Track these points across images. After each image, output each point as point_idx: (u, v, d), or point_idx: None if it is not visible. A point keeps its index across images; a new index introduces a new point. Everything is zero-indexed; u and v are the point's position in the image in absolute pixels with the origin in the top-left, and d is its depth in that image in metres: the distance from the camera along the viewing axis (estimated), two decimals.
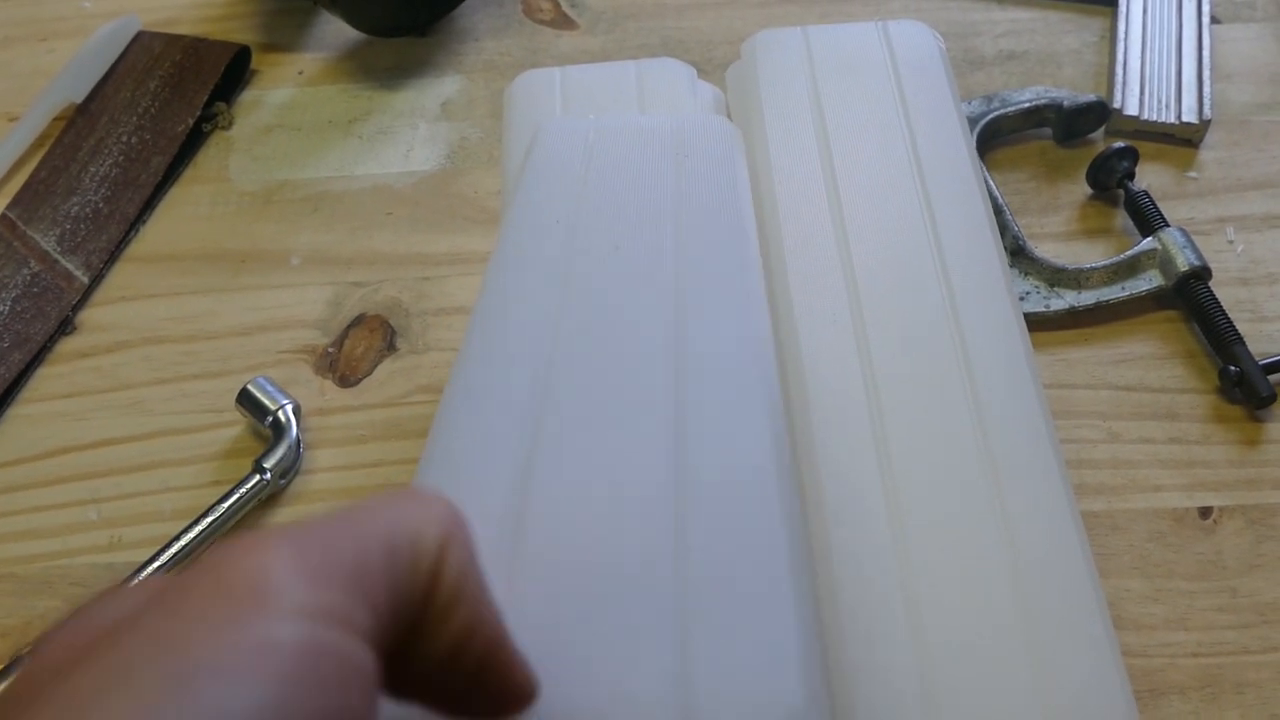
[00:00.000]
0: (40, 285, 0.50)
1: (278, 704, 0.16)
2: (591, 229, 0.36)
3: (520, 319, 0.33)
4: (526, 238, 0.35)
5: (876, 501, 0.33)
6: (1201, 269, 0.45)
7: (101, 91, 0.56)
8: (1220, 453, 0.42)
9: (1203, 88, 0.52)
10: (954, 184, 0.39)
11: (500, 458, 0.29)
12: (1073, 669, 0.30)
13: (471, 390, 0.31)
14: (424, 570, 0.20)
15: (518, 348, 0.32)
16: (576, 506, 0.28)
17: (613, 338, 0.32)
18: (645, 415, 0.31)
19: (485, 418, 0.30)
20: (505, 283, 0.34)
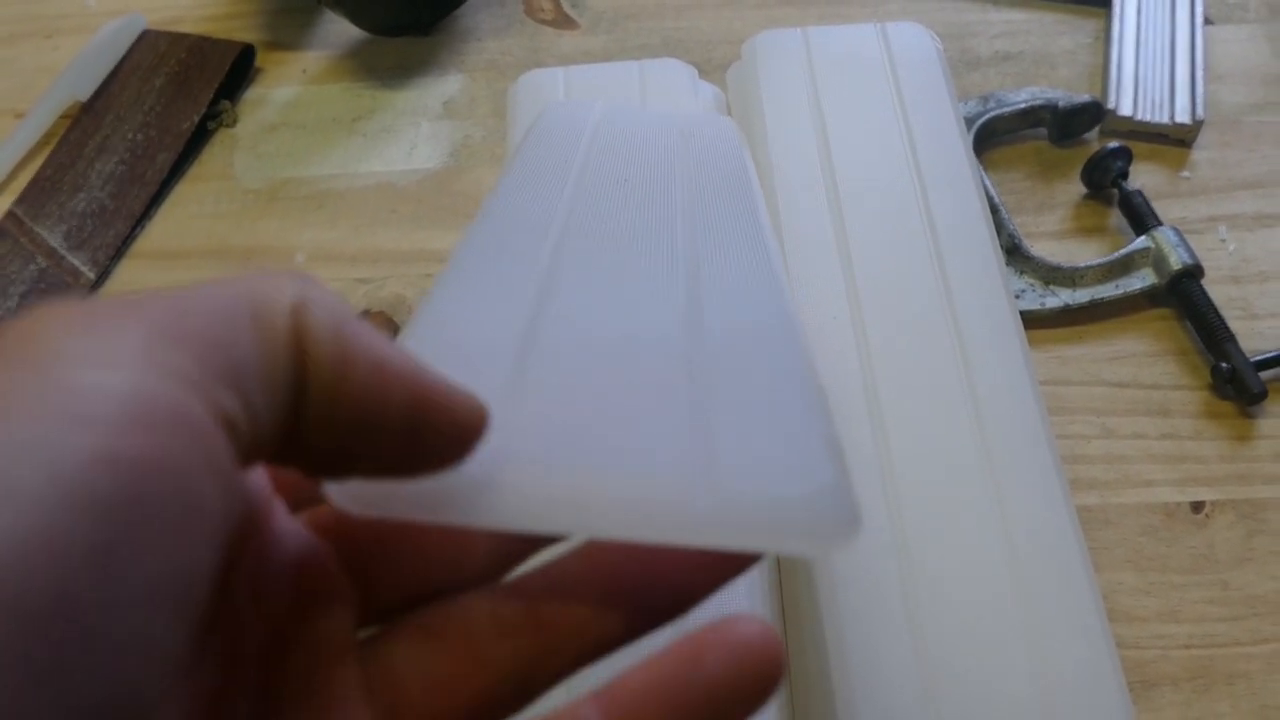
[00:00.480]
0: (47, 281, 0.50)
1: (99, 449, 0.15)
2: (599, 168, 0.34)
3: (529, 209, 0.31)
4: (529, 178, 0.34)
5: (875, 496, 0.33)
6: (1194, 267, 0.46)
7: (107, 89, 0.57)
8: (1212, 448, 0.42)
9: (1196, 89, 0.53)
10: (951, 184, 0.40)
11: (515, 279, 0.27)
12: (1067, 660, 0.31)
13: (483, 244, 0.29)
14: (279, 337, 0.18)
15: (530, 221, 0.30)
16: (592, 313, 0.27)
17: (622, 244, 0.31)
18: (658, 257, 0.30)
19: (499, 255, 0.29)
20: (510, 193, 0.32)
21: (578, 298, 0.27)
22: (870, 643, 0.31)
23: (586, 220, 0.31)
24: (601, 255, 0.29)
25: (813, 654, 0.32)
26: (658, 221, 0.31)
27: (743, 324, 0.27)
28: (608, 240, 0.30)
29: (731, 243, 0.31)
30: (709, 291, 0.28)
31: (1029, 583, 0.32)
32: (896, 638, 0.31)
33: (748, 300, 0.28)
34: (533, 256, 0.29)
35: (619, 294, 0.28)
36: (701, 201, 0.33)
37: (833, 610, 0.32)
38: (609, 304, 0.27)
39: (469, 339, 0.25)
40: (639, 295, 0.28)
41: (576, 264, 0.29)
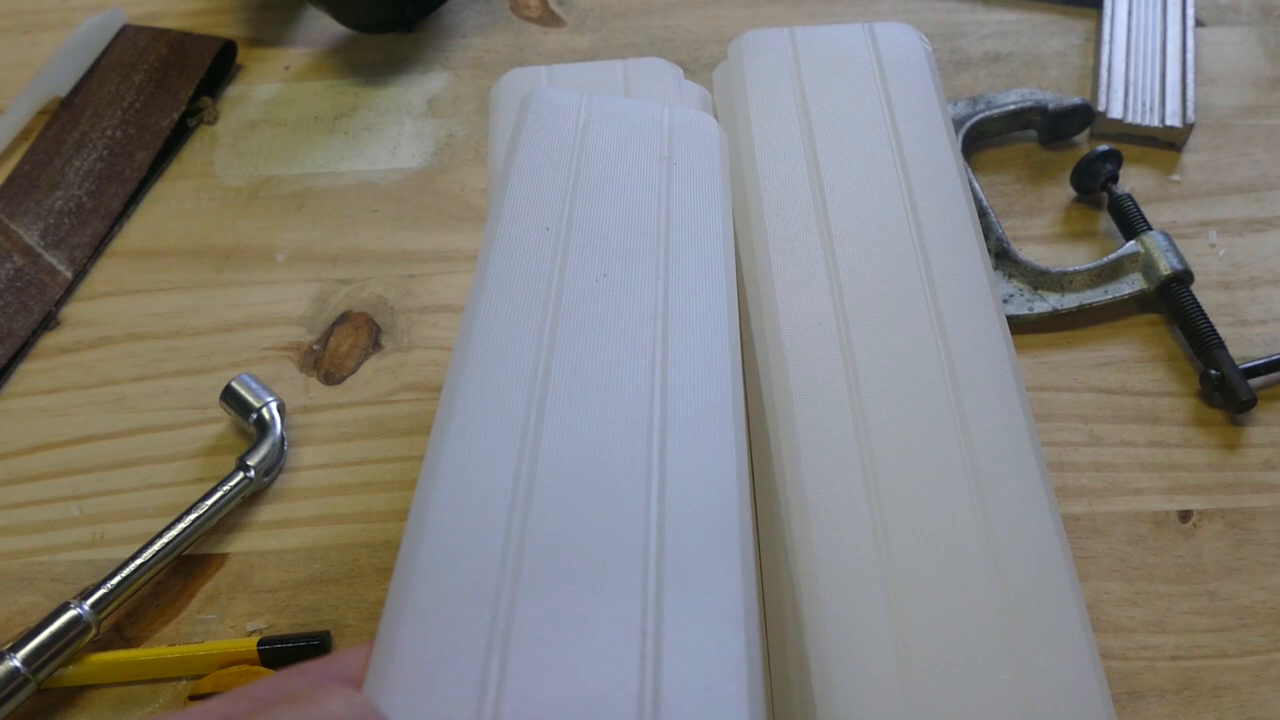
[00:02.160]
0: (23, 280, 0.50)
1: None
2: (583, 250, 0.36)
3: (511, 340, 0.33)
4: (517, 244, 0.35)
5: (859, 503, 0.33)
6: (1184, 273, 0.45)
7: (86, 85, 0.56)
8: (1200, 456, 0.42)
9: (1186, 91, 0.52)
10: (939, 186, 0.40)
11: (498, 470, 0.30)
12: (1052, 672, 0.30)
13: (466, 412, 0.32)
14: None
15: (507, 380, 0.32)
16: (565, 519, 0.29)
17: (599, 377, 0.33)
18: (628, 404, 0.31)
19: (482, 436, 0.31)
20: (496, 299, 0.34)
21: (555, 510, 0.29)
22: (852, 653, 0.31)
23: (566, 345, 0.33)
24: (577, 422, 0.31)
25: (794, 664, 0.32)
26: (630, 347, 0.33)
27: (694, 526, 0.29)
28: (584, 384, 0.32)
29: (697, 356, 0.33)
30: (671, 469, 0.30)
31: (1014, 592, 0.31)
32: (879, 647, 0.31)
33: (704, 482, 0.30)
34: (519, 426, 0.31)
35: (591, 489, 0.30)
36: (673, 287, 0.35)
37: (815, 618, 0.31)
38: (581, 513, 0.29)
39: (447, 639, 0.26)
40: (610, 488, 0.30)
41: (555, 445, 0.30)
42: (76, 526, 0.43)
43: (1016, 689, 0.30)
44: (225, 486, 0.42)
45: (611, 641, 0.27)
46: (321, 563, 0.42)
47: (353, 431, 0.45)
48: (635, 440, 0.31)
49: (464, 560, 0.28)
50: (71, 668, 0.39)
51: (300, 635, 0.40)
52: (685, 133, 0.41)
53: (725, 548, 0.29)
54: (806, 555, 0.32)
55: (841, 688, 0.30)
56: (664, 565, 0.28)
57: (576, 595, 0.28)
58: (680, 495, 0.30)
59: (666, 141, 0.40)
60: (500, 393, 0.31)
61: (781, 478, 0.34)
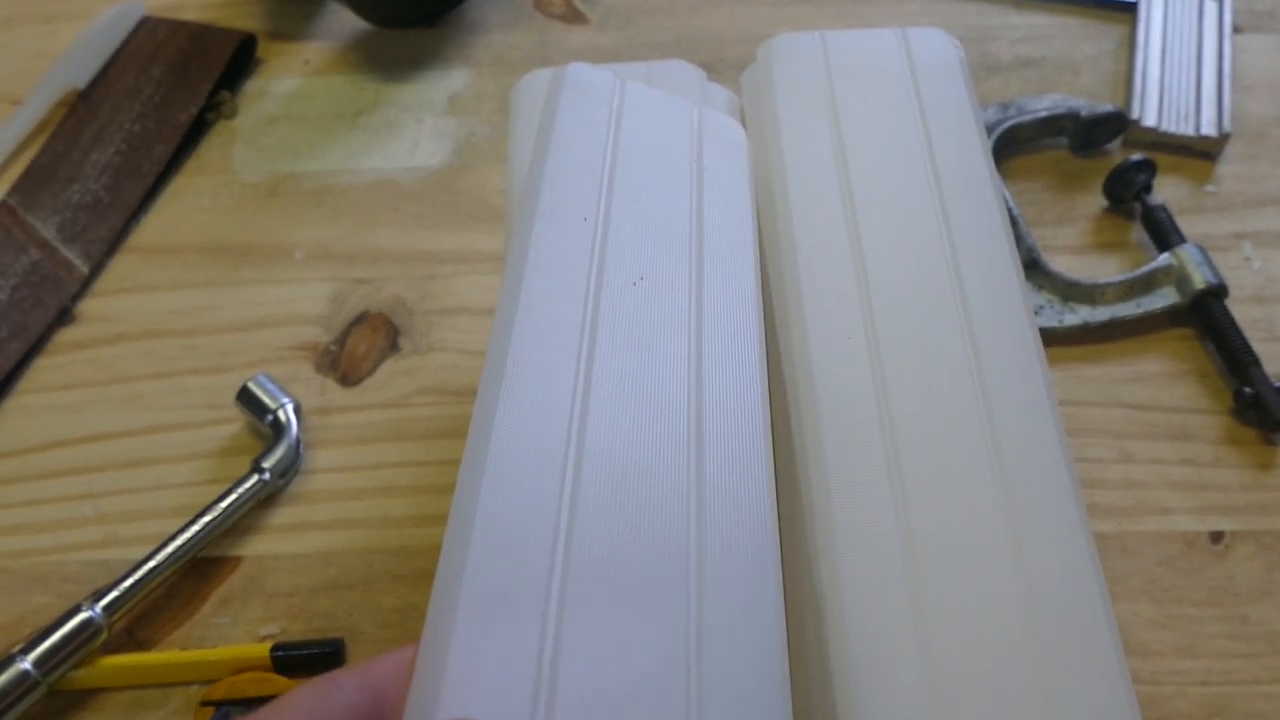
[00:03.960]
0: (40, 274, 0.49)
1: None
2: (620, 249, 0.36)
3: (551, 341, 0.33)
4: (556, 234, 0.35)
5: (888, 521, 0.32)
6: (1218, 287, 0.44)
7: (105, 77, 0.55)
8: (1233, 476, 0.41)
9: (1222, 99, 0.51)
10: (972, 196, 0.39)
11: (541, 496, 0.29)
12: (1084, 700, 0.29)
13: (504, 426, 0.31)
14: None
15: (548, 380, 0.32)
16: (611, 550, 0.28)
17: (638, 385, 0.33)
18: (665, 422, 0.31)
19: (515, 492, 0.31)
20: (535, 292, 0.34)
21: (599, 523, 0.29)
22: (878, 672, 0.30)
23: (606, 351, 0.33)
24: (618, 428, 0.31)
25: (819, 688, 0.31)
26: (666, 355, 0.33)
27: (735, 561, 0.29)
28: (624, 391, 0.32)
29: (730, 367, 0.34)
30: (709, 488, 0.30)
31: (1046, 617, 0.31)
32: (907, 671, 0.30)
33: (741, 520, 0.30)
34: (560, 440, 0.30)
35: (633, 500, 0.30)
36: (706, 295, 0.35)
37: (840, 633, 0.31)
38: (623, 527, 0.29)
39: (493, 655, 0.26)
40: (651, 502, 0.30)
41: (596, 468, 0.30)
42: (89, 526, 0.43)
43: (1046, 712, 0.29)
44: (240, 488, 0.42)
45: (653, 671, 0.27)
46: (336, 568, 0.41)
47: (369, 435, 0.45)
48: (674, 450, 0.31)
49: (512, 571, 0.27)
50: (82, 670, 0.38)
51: (314, 642, 0.39)
52: (714, 136, 0.41)
53: (762, 580, 0.29)
54: (831, 570, 0.32)
55: (866, 708, 0.29)
56: (704, 594, 0.28)
57: (620, 617, 0.28)
58: (717, 516, 0.30)
59: (696, 143, 0.40)
60: (543, 395, 0.31)
61: (808, 495, 0.33)
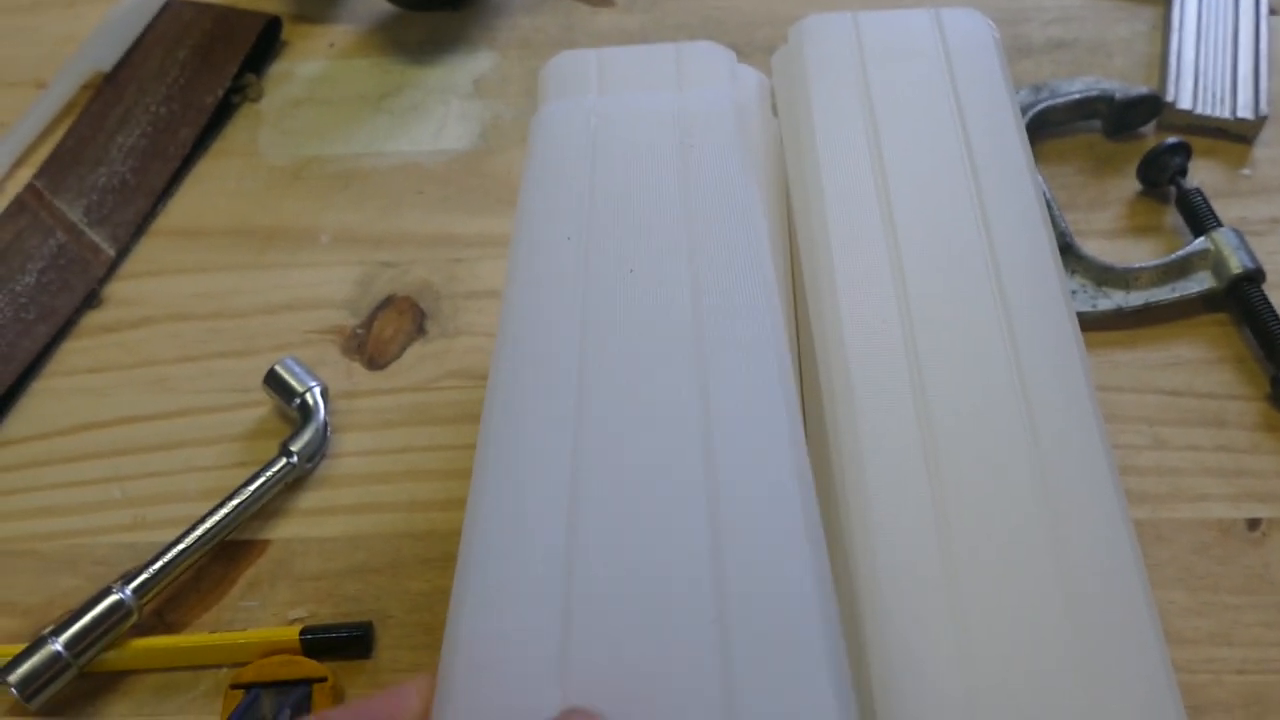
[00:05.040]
0: (67, 257, 0.49)
1: None
2: (604, 248, 0.35)
3: (543, 350, 0.33)
4: (539, 257, 0.35)
5: (925, 509, 0.32)
6: (1255, 271, 0.44)
7: (130, 60, 0.55)
8: (1270, 463, 0.41)
9: (1259, 82, 0.50)
10: (1007, 178, 0.38)
11: (543, 500, 0.30)
12: (1126, 687, 0.29)
13: (506, 435, 0.32)
14: None
15: (545, 379, 0.32)
16: (618, 551, 0.28)
17: (635, 369, 0.32)
18: (674, 463, 0.31)
19: (522, 461, 0.31)
20: (524, 312, 0.34)
21: (605, 521, 0.29)
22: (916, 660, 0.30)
23: (601, 342, 0.33)
24: (620, 433, 0.31)
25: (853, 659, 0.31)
26: (667, 340, 0.33)
27: (757, 521, 0.29)
28: (623, 380, 0.32)
29: (737, 347, 0.33)
30: (722, 458, 0.30)
31: (1086, 606, 0.30)
32: (944, 658, 0.30)
33: (759, 471, 0.30)
34: (559, 431, 0.31)
35: (642, 498, 0.29)
36: (706, 283, 0.34)
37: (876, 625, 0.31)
38: (634, 524, 0.29)
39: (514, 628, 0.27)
40: (660, 494, 0.29)
41: (599, 454, 0.30)
42: (118, 509, 0.43)
43: (1091, 707, 0.29)
44: (268, 472, 0.42)
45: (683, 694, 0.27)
46: (364, 551, 0.41)
47: (396, 418, 0.44)
48: (684, 448, 0.31)
49: (516, 604, 0.28)
50: (113, 652, 0.39)
51: (342, 625, 0.39)
52: (698, 119, 0.40)
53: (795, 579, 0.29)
54: (870, 567, 0.31)
55: (907, 705, 0.29)
56: (727, 608, 0.27)
57: (637, 628, 0.28)
58: (736, 514, 0.29)
59: (680, 130, 0.39)
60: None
61: (842, 485, 0.33)
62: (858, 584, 0.31)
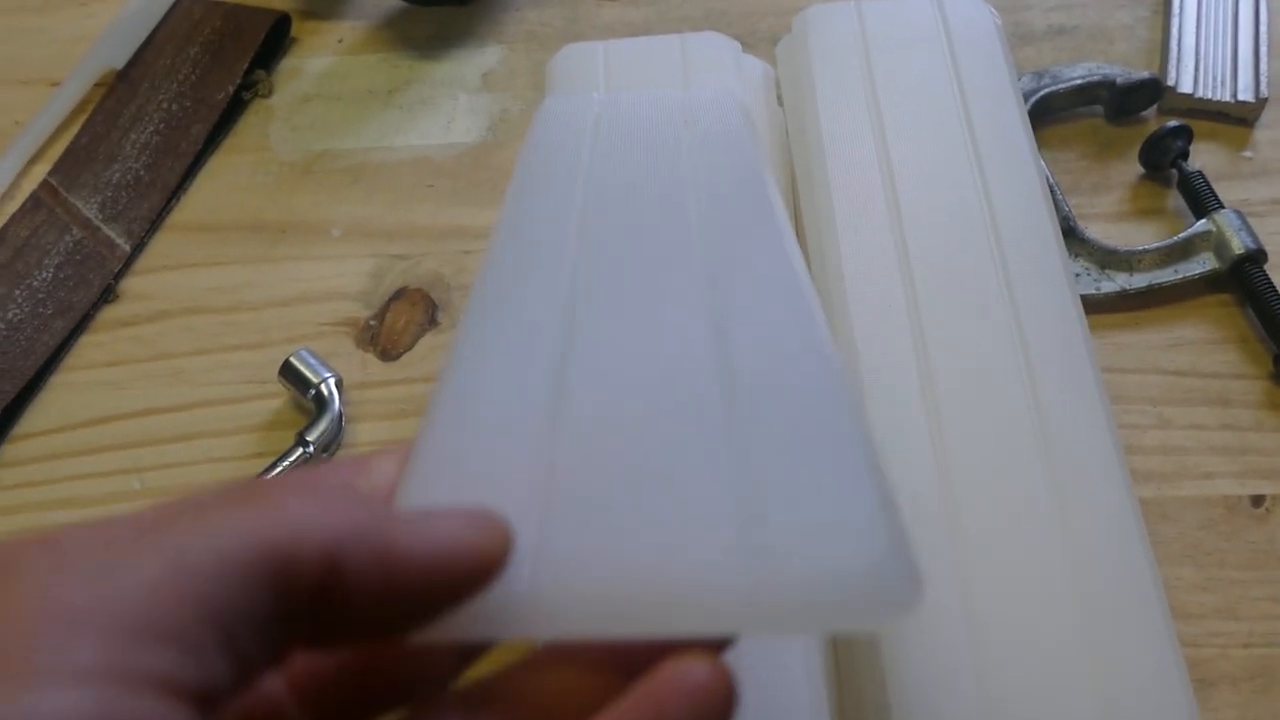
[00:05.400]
0: (82, 252, 0.50)
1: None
2: (604, 179, 0.33)
3: (541, 235, 0.30)
4: (535, 197, 0.33)
5: (932, 487, 0.32)
6: (1257, 252, 0.44)
7: (142, 58, 0.56)
8: (1273, 440, 0.41)
9: (1259, 65, 0.51)
10: (1010, 163, 0.39)
11: (534, 332, 0.27)
12: (1133, 661, 0.30)
13: (500, 285, 0.29)
14: (304, 587, 0.19)
15: (543, 253, 0.30)
16: (616, 371, 0.26)
17: (640, 247, 0.30)
18: (679, 285, 0.28)
19: (516, 300, 0.28)
20: (521, 215, 0.31)
21: (601, 349, 0.27)
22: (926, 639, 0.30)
23: (600, 243, 0.30)
24: (621, 290, 0.28)
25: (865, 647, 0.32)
26: (673, 240, 0.30)
27: (776, 362, 0.25)
28: (625, 268, 0.29)
29: (752, 257, 0.29)
30: (736, 323, 0.27)
31: (1093, 580, 0.31)
32: (954, 637, 0.30)
33: (778, 331, 0.26)
34: (551, 297, 0.28)
35: (644, 338, 0.27)
36: (715, 209, 0.31)
37: None
38: (635, 352, 0.26)
39: (494, 419, 0.25)
40: (665, 338, 0.27)
41: (596, 304, 0.28)
42: (137, 499, 0.44)
43: (1097, 678, 0.29)
44: (285, 461, 0.43)
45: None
46: None
47: (410, 408, 0.45)
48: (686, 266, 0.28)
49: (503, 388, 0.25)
50: None
51: None
52: (708, 120, 0.39)
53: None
54: None
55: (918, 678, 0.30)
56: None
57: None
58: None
59: (687, 115, 0.38)
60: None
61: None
62: None
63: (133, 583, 0.17)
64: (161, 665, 0.17)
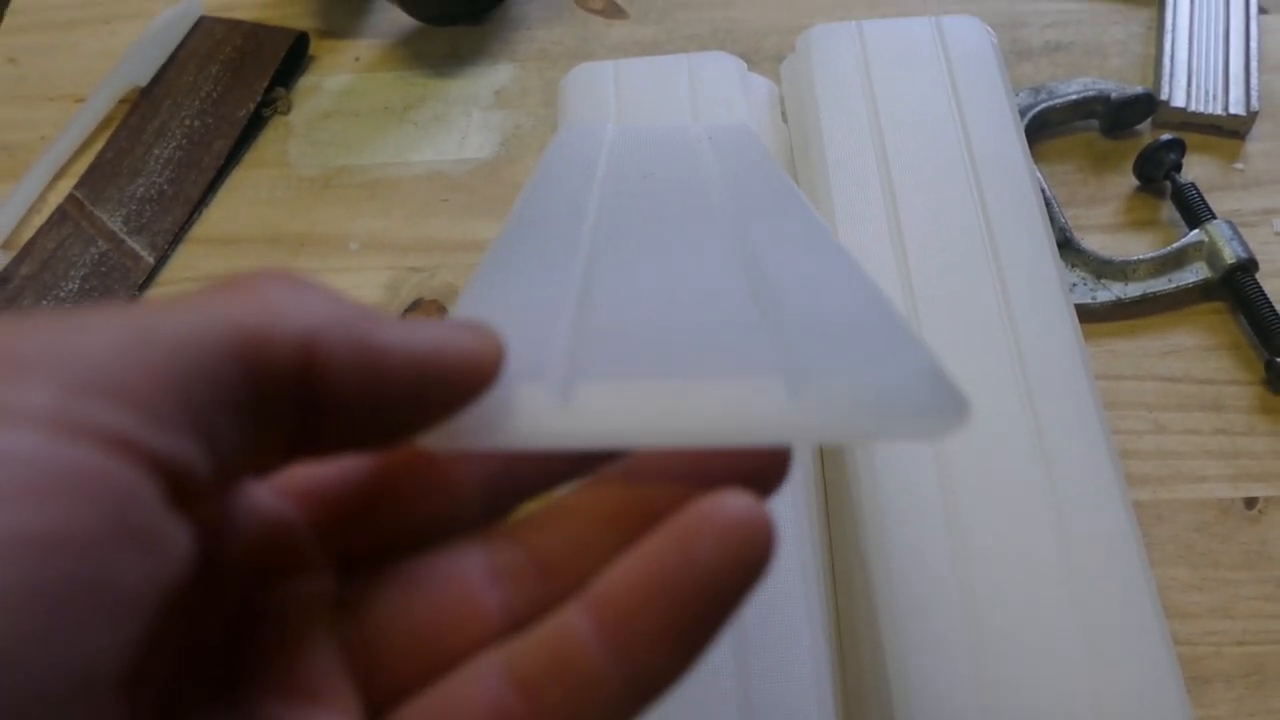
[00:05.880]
0: (108, 265, 0.51)
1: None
2: (621, 171, 0.33)
3: (557, 211, 0.30)
4: (553, 179, 0.33)
5: (932, 494, 0.34)
6: (1248, 261, 0.45)
7: (165, 75, 0.57)
8: (1266, 444, 0.42)
9: (1250, 79, 0.52)
10: (1007, 179, 0.40)
11: (557, 248, 0.27)
12: (1127, 658, 0.31)
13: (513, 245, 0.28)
14: (279, 374, 0.18)
15: (561, 215, 0.30)
16: (644, 277, 0.25)
17: (663, 212, 0.30)
18: (707, 231, 0.28)
19: (537, 241, 0.28)
20: (534, 199, 0.31)
21: (626, 252, 0.26)
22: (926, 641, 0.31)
23: (621, 208, 0.30)
24: (643, 226, 0.28)
25: (867, 648, 0.33)
26: (698, 205, 0.30)
27: (808, 269, 0.25)
28: (648, 224, 0.29)
29: (779, 215, 0.29)
30: (766, 254, 0.26)
31: (1087, 580, 0.32)
32: (953, 637, 0.31)
33: (808, 256, 0.26)
34: (573, 233, 0.28)
35: (673, 258, 0.26)
36: (737, 185, 0.32)
37: (889, 607, 0.32)
38: (660, 254, 0.26)
39: (525, 297, 0.24)
40: (696, 258, 0.26)
41: (619, 233, 0.28)
42: None
43: (1092, 675, 0.30)
44: None
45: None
46: None
47: None
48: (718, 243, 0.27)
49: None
50: None
51: None
52: (726, 136, 0.39)
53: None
54: (881, 547, 0.33)
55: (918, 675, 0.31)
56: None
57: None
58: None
59: (709, 138, 0.39)
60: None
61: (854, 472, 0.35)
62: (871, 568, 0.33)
63: (93, 341, 0.16)
64: (118, 423, 0.16)
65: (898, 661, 0.31)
